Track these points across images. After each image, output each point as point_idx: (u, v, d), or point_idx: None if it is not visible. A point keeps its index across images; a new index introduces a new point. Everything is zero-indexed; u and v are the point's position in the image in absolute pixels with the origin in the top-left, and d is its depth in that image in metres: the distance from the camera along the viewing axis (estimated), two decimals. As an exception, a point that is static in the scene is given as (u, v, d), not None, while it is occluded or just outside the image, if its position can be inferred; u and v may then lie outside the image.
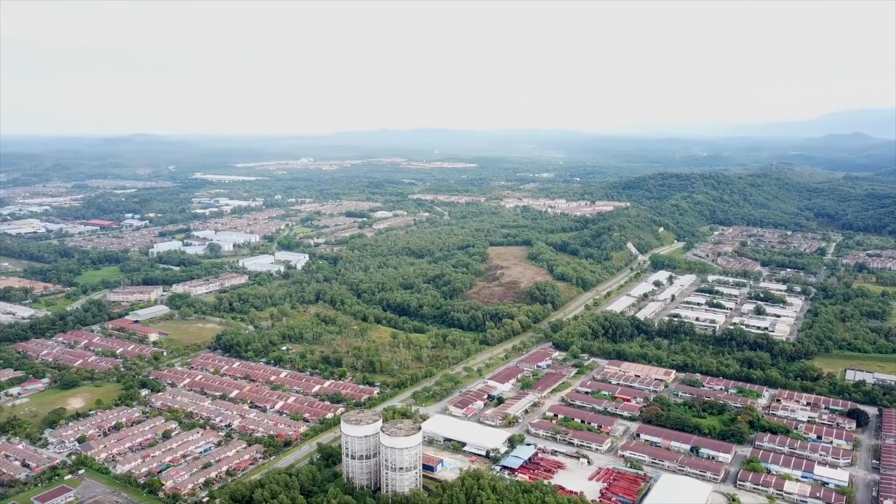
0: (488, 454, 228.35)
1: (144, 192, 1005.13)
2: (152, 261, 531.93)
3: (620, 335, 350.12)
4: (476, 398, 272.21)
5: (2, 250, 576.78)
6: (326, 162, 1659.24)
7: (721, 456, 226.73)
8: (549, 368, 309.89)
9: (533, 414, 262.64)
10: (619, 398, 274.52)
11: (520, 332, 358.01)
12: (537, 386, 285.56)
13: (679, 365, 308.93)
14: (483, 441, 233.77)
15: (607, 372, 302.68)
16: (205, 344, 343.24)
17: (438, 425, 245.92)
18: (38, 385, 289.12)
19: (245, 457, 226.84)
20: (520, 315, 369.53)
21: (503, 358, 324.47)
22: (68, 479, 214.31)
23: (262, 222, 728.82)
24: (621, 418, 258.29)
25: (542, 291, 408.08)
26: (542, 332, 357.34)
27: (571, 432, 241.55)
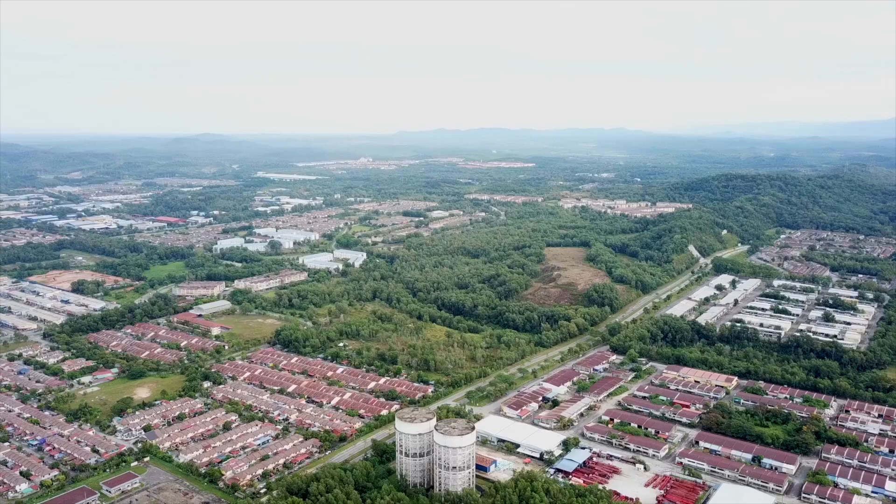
0: (542, 456, 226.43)
1: (209, 190, 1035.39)
2: (216, 257, 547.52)
3: (680, 340, 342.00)
4: (531, 400, 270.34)
5: (76, 245, 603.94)
6: (385, 162, 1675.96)
7: (785, 467, 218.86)
8: (605, 372, 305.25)
9: (588, 417, 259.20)
10: (677, 404, 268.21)
11: (576, 334, 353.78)
12: (593, 389, 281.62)
13: (741, 372, 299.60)
14: (537, 443, 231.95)
15: (666, 377, 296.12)
16: (264, 339, 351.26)
17: (492, 426, 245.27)
18: (108, 375, 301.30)
19: (301, 450, 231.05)
20: (576, 317, 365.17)
21: (559, 360, 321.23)
22: (134, 466, 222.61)
23: (322, 221, 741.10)
24: (680, 424, 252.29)
25: (599, 294, 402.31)
26: (600, 336, 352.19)
27: (628, 437, 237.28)
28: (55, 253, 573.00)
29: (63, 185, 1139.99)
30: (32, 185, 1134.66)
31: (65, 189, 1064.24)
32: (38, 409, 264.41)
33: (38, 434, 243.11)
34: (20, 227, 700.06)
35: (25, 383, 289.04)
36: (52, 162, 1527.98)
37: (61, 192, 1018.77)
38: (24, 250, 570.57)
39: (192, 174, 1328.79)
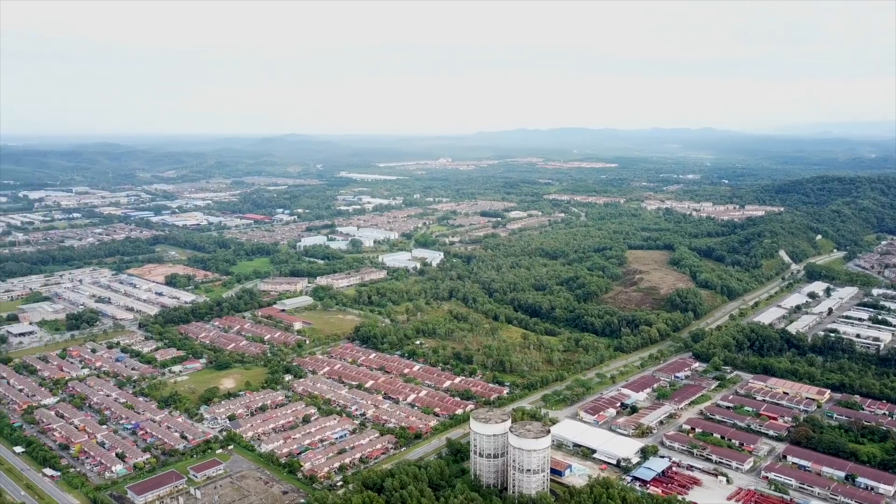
0: (619, 463, 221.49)
1: (294, 188, 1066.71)
2: (299, 254, 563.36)
3: (768, 349, 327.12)
4: (608, 405, 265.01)
5: (170, 240, 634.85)
6: (464, 162, 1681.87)
7: (882, 487, 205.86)
8: (687, 380, 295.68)
9: (668, 426, 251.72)
10: (764, 416, 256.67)
11: (657, 340, 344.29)
12: (674, 397, 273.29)
13: (835, 385, 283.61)
14: (614, 449, 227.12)
15: (752, 387, 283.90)
16: (344, 334, 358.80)
17: (568, 430, 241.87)
18: (197, 365, 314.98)
19: (377, 446, 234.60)
20: (658, 322, 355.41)
21: (638, 366, 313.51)
22: (219, 453, 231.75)
23: (401, 220, 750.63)
24: (766, 437, 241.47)
25: (683, 299, 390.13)
26: (682, 342, 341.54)
27: (710, 448, 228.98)
28: (151, 247, 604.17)
29: (159, 183, 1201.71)
30: (131, 182, 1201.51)
31: (160, 187, 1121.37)
32: (132, 395, 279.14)
33: (133, 419, 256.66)
34: (120, 223, 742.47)
35: (122, 370, 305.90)
36: (149, 161, 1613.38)
37: (157, 190, 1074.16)
38: (123, 244, 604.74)
39: (278, 173, 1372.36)
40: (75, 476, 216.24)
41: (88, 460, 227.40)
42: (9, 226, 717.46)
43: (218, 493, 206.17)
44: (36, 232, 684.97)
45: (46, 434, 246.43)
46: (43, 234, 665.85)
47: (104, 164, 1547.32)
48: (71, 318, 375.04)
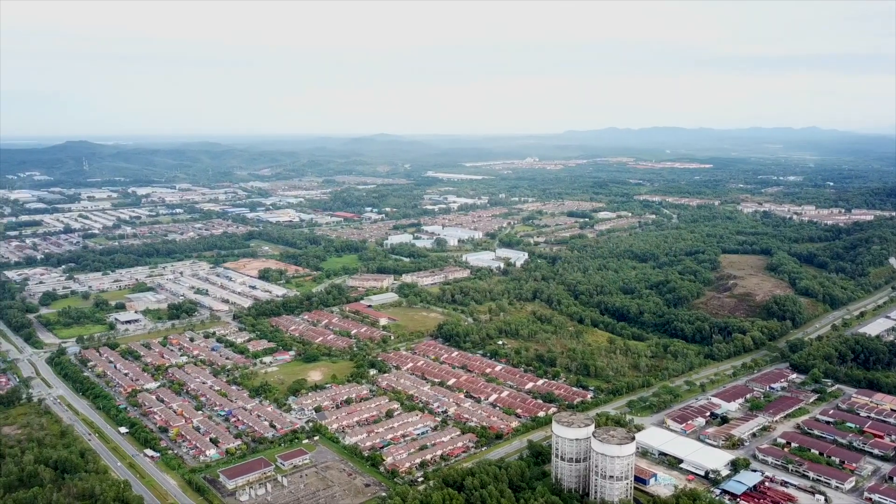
0: (707, 475, 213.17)
1: (382, 187, 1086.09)
2: (386, 251, 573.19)
3: (875, 362, 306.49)
4: (697, 414, 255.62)
5: (264, 236, 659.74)
6: (551, 161, 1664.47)
7: None
8: (783, 391, 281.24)
9: (761, 438, 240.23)
10: (868, 433, 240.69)
11: (751, 348, 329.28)
12: (768, 409, 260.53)
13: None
14: (702, 460, 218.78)
15: (855, 402, 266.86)
16: (427, 332, 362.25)
17: (654, 438, 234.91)
18: (286, 356, 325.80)
19: (458, 444, 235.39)
20: (753, 330, 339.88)
21: (730, 375, 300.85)
22: (305, 443, 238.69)
23: (486, 220, 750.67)
24: (870, 456, 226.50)
25: (780, 306, 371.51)
26: (778, 351, 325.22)
27: (807, 464, 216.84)
28: (246, 243, 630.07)
29: (255, 180, 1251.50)
30: (230, 180, 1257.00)
31: (256, 185, 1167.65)
32: (226, 383, 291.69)
33: (226, 406, 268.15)
34: (218, 219, 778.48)
35: (217, 359, 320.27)
36: (246, 160, 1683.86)
37: (253, 188, 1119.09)
38: (220, 239, 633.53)
39: (368, 172, 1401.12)
40: (173, 458, 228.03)
41: (185, 443, 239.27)
42: (119, 220, 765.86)
43: (303, 481, 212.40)
44: (142, 226, 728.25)
45: (148, 417, 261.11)
46: (149, 229, 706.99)
47: (205, 162, 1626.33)
48: (172, 308, 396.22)
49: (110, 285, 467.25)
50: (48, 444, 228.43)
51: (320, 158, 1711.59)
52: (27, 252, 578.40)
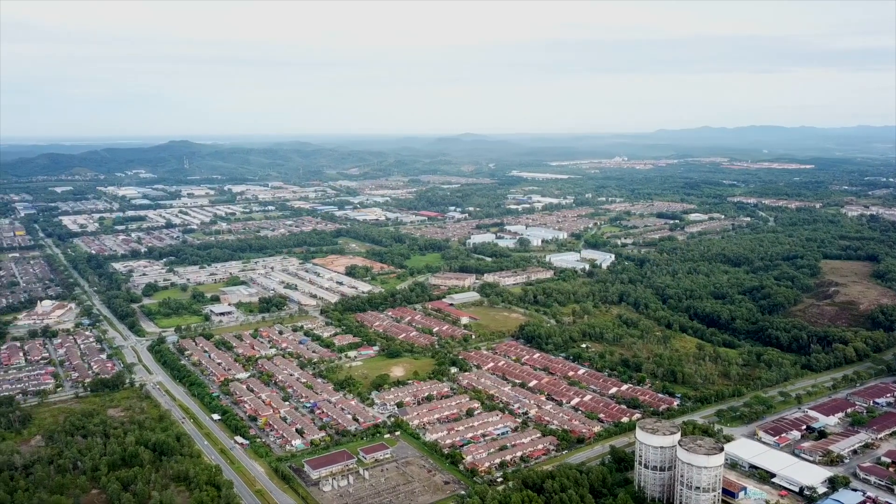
0: (802, 491, 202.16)
1: (466, 187, 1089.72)
2: (468, 251, 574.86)
3: None
4: (792, 427, 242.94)
5: (351, 233, 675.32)
6: (640, 161, 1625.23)
7: None
8: (889, 407, 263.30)
9: (863, 456, 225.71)
10: None
11: (854, 360, 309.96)
12: (872, 425, 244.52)
13: None
14: (797, 476, 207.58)
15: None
16: (509, 332, 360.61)
17: (744, 449, 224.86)
18: (370, 351, 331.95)
19: (539, 446, 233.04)
20: (856, 341, 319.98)
21: (829, 387, 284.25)
22: (387, 438, 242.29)
23: (571, 220, 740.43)
24: None
25: (887, 316, 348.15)
26: (885, 364, 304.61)
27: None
28: (334, 239, 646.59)
29: (343, 179, 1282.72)
30: (319, 178, 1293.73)
31: (344, 183, 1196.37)
32: (312, 376, 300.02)
33: (311, 398, 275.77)
34: (308, 216, 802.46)
35: (304, 352, 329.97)
36: (335, 159, 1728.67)
37: (341, 186, 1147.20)
38: (310, 236, 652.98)
39: (452, 172, 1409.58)
40: (261, 446, 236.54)
41: (272, 433, 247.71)
42: (215, 216, 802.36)
43: (384, 476, 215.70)
44: (237, 222, 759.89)
45: (238, 405, 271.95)
46: (242, 225, 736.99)
47: (296, 161, 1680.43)
48: (263, 302, 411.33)
49: (206, 278, 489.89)
50: (148, 427, 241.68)
51: (406, 158, 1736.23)
52: (132, 245, 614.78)
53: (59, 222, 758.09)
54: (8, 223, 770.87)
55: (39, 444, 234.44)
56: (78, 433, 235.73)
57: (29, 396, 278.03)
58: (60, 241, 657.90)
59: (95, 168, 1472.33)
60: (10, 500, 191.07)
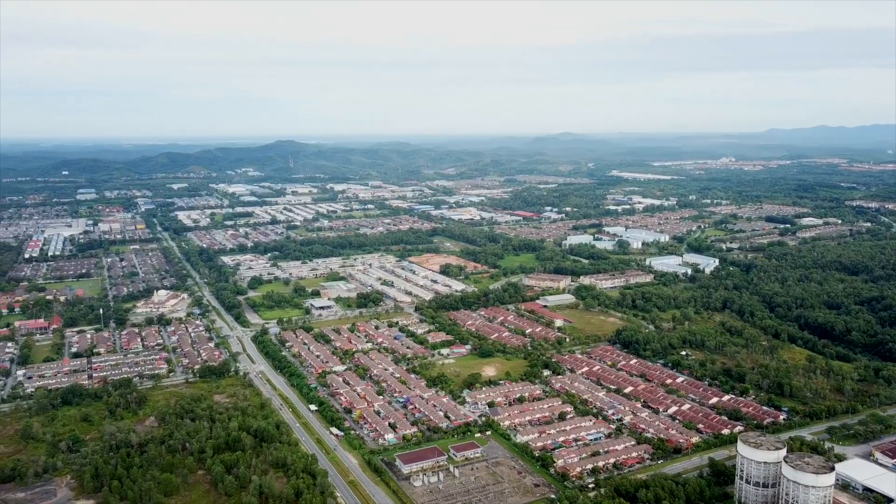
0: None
1: (564, 187, 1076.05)
2: (564, 252, 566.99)
3: None
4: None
5: (446, 232, 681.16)
6: (749, 162, 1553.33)
7: None
8: None
9: None
10: None
11: None
12: None
13: None
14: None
15: None
16: (605, 336, 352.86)
17: (857, 470, 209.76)
18: (462, 350, 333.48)
19: (633, 454, 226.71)
20: None
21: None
22: (477, 437, 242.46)
23: (673, 222, 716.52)
24: None
25: None
26: None
27: None
28: (429, 238, 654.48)
29: (440, 179, 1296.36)
30: (417, 178, 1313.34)
31: (441, 183, 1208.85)
32: (406, 371, 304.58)
33: (405, 393, 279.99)
34: (405, 215, 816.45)
35: (398, 347, 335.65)
36: (433, 159, 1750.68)
37: (438, 186, 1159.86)
38: (406, 234, 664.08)
39: (549, 172, 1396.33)
40: (355, 438, 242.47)
41: (366, 426, 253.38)
42: (317, 213, 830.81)
43: (474, 474, 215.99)
44: (337, 220, 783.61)
45: (334, 397, 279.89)
46: (343, 222, 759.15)
47: (395, 161, 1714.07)
48: (360, 297, 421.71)
49: (307, 273, 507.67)
50: (250, 413, 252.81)
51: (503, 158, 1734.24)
52: (240, 240, 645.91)
53: (174, 217, 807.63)
54: (130, 217, 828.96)
55: (153, 424, 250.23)
56: (187, 416, 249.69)
57: (145, 379, 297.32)
58: (175, 234, 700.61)
59: (208, 166, 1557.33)
60: (127, 475, 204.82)
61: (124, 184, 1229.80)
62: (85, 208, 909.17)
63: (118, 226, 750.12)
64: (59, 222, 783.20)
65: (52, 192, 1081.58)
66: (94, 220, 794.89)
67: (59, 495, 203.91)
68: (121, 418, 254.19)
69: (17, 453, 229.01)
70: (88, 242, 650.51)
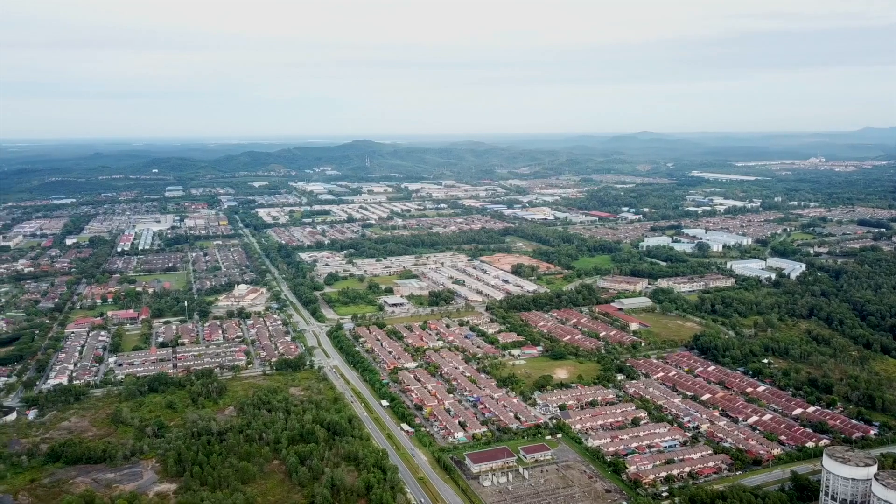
0: None
1: (641, 187, 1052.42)
2: (641, 254, 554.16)
3: None
4: None
5: (518, 232, 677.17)
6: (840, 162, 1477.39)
7: None
8: None
9: None
10: None
11: None
12: None
13: None
14: None
15: None
16: (681, 341, 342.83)
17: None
18: (533, 351, 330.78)
19: (710, 464, 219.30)
20: None
21: None
22: (548, 440, 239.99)
23: (757, 225, 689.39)
24: None
25: None
26: None
27: None
28: (501, 238, 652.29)
29: (514, 178, 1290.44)
30: (490, 177, 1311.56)
31: (514, 182, 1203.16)
32: (476, 371, 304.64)
33: (475, 392, 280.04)
34: (478, 214, 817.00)
35: (469, 346, 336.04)
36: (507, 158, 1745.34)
37: (511, 185, 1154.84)
38: (478, 234, 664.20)
39: (627, 171, 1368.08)
40: (425, 435, 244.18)
41: (436, 423, 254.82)
42: (392, 212, 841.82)
43: (544, 477, 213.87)
44: (411, 219, 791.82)
45: (406, 394, 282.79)
46: (416, 221, 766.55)
47: (469, 160, 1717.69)
48: (432, 295, 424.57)
49: (381, 271, 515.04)
50: (323, 407, 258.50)
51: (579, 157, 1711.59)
52: (317, 238, 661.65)
53: (255, 214, 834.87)
54: (214, 214, 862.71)
55: (232, 414, 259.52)
56: (264, 407, 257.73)
57: (225, 370, 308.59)
58: (256, 231, 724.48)
59: (288, 165, 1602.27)
60: (207, 461, 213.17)
61: (209, 181, 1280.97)
62: (172, 205, 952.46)
63: (202, 222, 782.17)
64: (149, 218, 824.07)
65: (142, 190, 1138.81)
66: (181, 217, 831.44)
67: (145, 477, 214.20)
68: (202, 407, 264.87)
69: (108, 436, 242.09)
70: (175, 237, 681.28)
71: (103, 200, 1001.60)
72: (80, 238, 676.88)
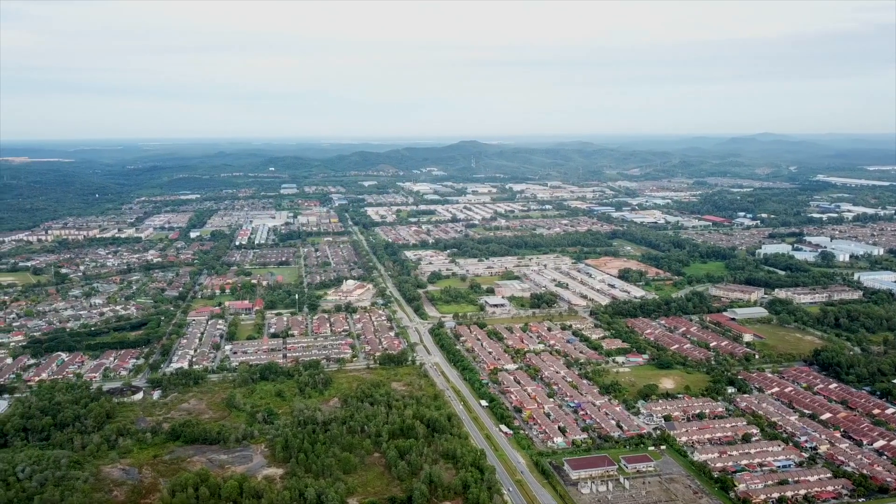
0: None
1: (760, 191, 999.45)
2: (758, 261, 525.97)
3: None
4: None
5: (626, 235, 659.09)
6: None
7: None
8: None
9: None
10: None
11: None
12: None
13: None
14: None
15: None
16: (800, 356, 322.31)
17: None
18: (639, 359, 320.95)
19: (828, 488, 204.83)
20: None
21: None
22: (651, 450, 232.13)
23: (890, 234, 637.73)
24: None
25: None
26: None
27: None
28: (608, 241, 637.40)
29: (623, 180, 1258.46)
30: (598, 179, 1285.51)
31: (624, 184, 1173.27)
32: (578, 376, 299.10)
33: (576, 398, 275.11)
34: (584, 216, 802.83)
35: (571, 351, 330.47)
36: (616, 159, 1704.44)
37: (620, 187, 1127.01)
38: (584, 236, 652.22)
39: (744, 174, 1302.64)
40: (523, 438, 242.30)
41: (535, 427, 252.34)
42: (495, 213, 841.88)
43: (646, 489, 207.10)
44: (514, 219, 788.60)
45: (505, 395, 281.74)
46: (520, 222, 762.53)
47: (577, 161, 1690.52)
48: (534, 298, 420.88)
49: (483, 271, 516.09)
50: (424, 403, 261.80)
51: (693, 159, 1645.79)
52: (422, 237, 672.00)
53: (364, 212, 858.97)
54: (325, 211, 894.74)
55: (336, 405, 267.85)
56: (367, 400, 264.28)
57: (331, 363, 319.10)
58: (364, 228, 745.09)
59: (396, 165, 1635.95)
60: (312, 449, 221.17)
61: (321, 180, 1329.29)
62: (287, 202, 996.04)
63: (314, 219, 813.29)
64: (265, 214, 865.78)
65: (260, 187, 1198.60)
66: (294, 213, 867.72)
67: (255, 461, 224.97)
68: (309, 396, 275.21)
69: (222, 419, 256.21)
70: (288, 233, 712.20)
71: (224, 196, 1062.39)
72: (202, 231, 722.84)
